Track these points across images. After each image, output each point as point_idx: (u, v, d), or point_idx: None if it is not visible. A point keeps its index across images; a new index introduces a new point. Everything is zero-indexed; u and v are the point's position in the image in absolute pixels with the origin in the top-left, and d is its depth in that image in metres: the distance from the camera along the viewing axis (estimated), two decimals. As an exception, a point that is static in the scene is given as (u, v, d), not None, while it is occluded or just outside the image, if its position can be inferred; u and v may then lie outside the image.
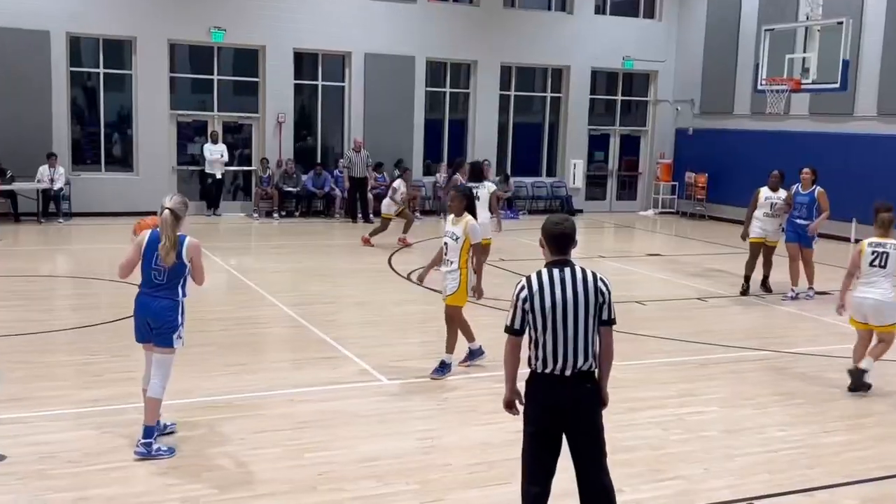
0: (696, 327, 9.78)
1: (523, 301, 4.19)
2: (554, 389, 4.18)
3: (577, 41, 21.22)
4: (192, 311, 9.71)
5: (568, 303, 4.14)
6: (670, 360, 8.30)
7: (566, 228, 4.25)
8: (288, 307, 9.98)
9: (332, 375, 7.46)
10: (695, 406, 7.00)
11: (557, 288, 4.15)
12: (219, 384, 7.12)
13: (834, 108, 17.58)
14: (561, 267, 4.21)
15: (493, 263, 13.65)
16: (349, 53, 19.40)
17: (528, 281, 4.23)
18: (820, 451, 6.14)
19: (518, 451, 5.96)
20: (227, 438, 5.95)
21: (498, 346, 8.59)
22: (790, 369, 8.17)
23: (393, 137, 19.54)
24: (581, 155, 21.98)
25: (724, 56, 20.55)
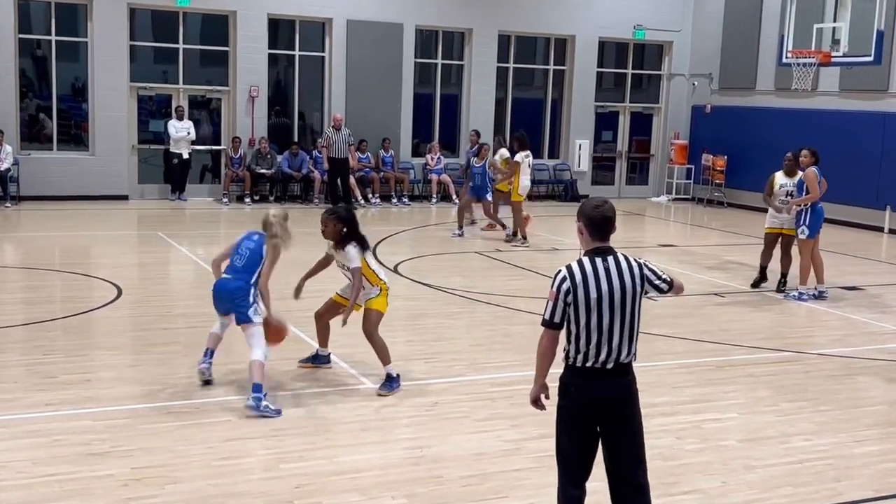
0: (713, 326, 9.83)
1: (566, 293, 4.25)
2: (596, 383, 4.27)
3: (582, 8, 21.20)
4: (156, 307, 9.77)
5: (615, 294, 4.22)
6: (684, 361, 8.34)
7: (607, 211, 4.29)
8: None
9: (311, 378, 7.48)
10: (711, 412, 7.05)
11: (603, 278, 4.22)
12: (185, 387, 7.13)
13: (867, 84, 17.63)
14: (603, 255, 4.27)
15: (487, 253, 13.69)
16: (330, 20, 19.35)
17: (570, 271, 4.27)
18: (849, 462, 6.18)
19: (515, 461, 5.95)
20: (195, 447, 5.96)
21: (471, 337, 8.72)
22: (816, 372, 8.23)
23: (378, 114, 19.53)
24: (587, 135, 22.00)
25: (745, 26, 20.57)
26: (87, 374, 7.44)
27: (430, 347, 8.55)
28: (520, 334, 9.13)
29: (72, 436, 6.06)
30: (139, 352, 8.19)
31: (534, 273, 12.27)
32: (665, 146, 22.68)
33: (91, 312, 9.39)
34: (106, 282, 10.73)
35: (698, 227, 18.70)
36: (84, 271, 11.50)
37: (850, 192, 16.44)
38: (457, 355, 8.31)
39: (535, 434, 6.27)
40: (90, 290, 10.56)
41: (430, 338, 8.91)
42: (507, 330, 9.39)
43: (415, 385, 7.40)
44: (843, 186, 14.50)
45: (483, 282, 11.80)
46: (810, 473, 5.95)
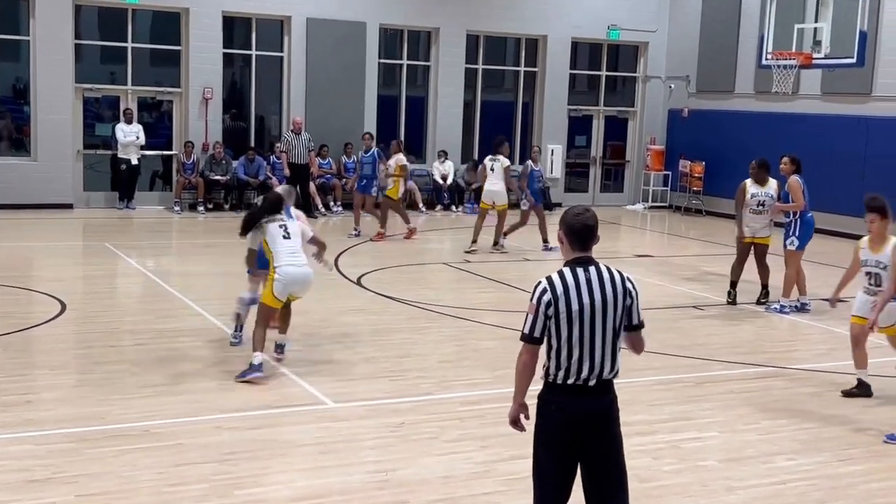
0: (691, 340, 9.90)
1: (546, 305, 4.26)
2: (577, 401, 4.28)
3: (555, 7, 21.34)
4: (102, 323, 9.66)
5: (597, 307, 4.24)
6: (661, 377, 8.39)
7: (588, 220, 4.32)
8: (216, 317, 9.90)
9: (267, 398, 7.43)
10: (690, 431, 7.09)
11: (584, 290, 4.24)
12: (133, 409, 7.05)
13: (849, 87, 17.89)
14: (585, 266, 4.29)
15: (454, 263, 13.70)
16: (288, 18, 19.30)
17: (551, 283, 4.29)
18: (834, 482, 6.24)
19: (485, 485, 5.94)
20: (143, 473, 5.89)
21: (436, 354, 8.72)
22: (799, 388, 8.31)
23: (340, 117, 19.49)
24: (559, 139, 22.12)
25: (724, 26, 20.81)
26: (28, 396, 7.33)
27: (395, 364, 8.52)
28: (490, 350, 9.13)
29: (11, 461, 5.96)
30: (84, 371, 8.09)
31: (504, 285, 12.28)
32: (641, 152, 22.86)
33: (32, 329, 9.26)
34: (48, 296, 10.59)
35: (675, 236, 18.86)
36: (24, 285, 11.35)
37: (831, 200, 16.55)
38: (423, 373, 8.30)
39: (506, 455, 6.27)
40: (31, 305, 10.42)
41: (396, 354, 8.88)
42: (476, 345, 9.39)
43: (379, 405, 7.37)
44: (825, 194, 14.66)
45: (451, 294, 11.80)
46: (794, 494, 5.99)
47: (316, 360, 8.53)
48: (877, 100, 17.72)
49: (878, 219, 7.61)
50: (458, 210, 20.24)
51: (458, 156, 20.85)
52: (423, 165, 20.91)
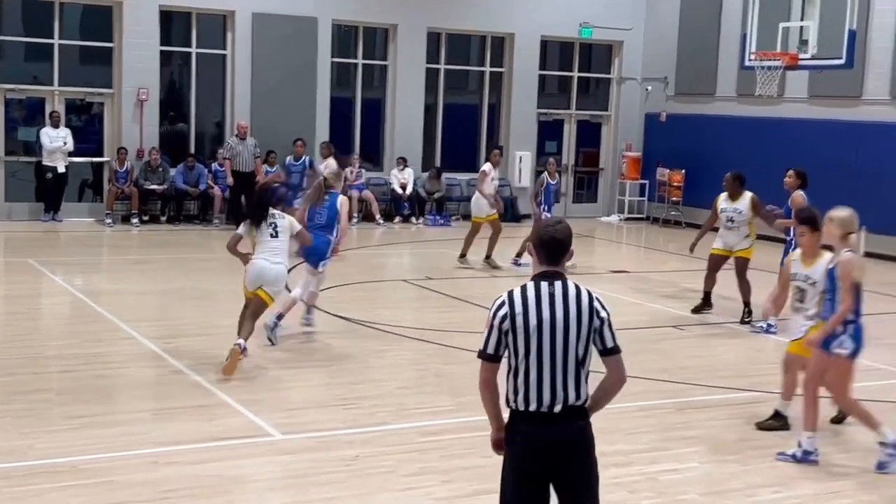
0: (671, 362, 9.96)
1: (501, 320, 4.29)
2: (543, 430, 4.28)
3: (522, 3, 21.49)
4: (24, 348, 9.53)
5: (557, 323, 4.26)
6: (640, 403, 8.43)
7: (557, 232, 4.36)
8: (151, 341, 9.83)
9: (209, 429, 7.37)
10: (669, 462, 7.12)
11: (545, 305, 4.26)
12: (59, 442, 6.96)
13: (838, 90, 18.16)
14: (550, 280, 4.32)
15: (416, 281, 13.69)
16: (232, 13, 19.25)
17: (510, 297, 4.33)
18: (822, 515, 6.30)
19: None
20: (70, 514, 5.81)
21: (392, 378, 8.71)
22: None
23: (289, 121, 19.44)
24: (528, 146, 22.23)
25: (704, 24, 21.06)
26: (-59, 429, 7.20)
27: (349, 391, 8.49)
28: (453, 374, 9.13)
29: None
30: (4, 401, 7.96)
31: (469, 304, 12.29)
32: (616, 159, 23.03)
33: (-54, 355, 9.10)
34: (-36, 318, 10.42)
35: (653, 250, 19.00)
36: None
37: (820, 211, 16.74)
38: (380, 400, 8.27)
39: (469, 490, 6.26)
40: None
41: (350, 380, 8.85)
42: (438, 370, 9.39)
43: (331, 436, 7.33)
44: (813, 204, 14.81)
45: (410, 314, 11.79)
46: (781, 530, 6.04)
47: (262, 388, 8.47)
48: (867, 103, 18.00)
49: (807, 231, 7.75)
50: (419, 222, 20.26)
51: (418, 163, 20.89)
52: (381, 173, 20.92)
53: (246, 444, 7.14)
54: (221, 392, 8.21)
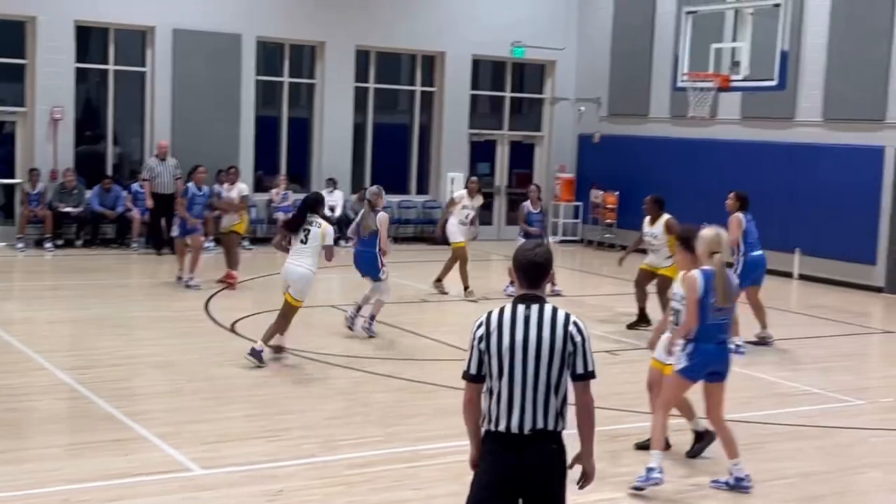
0: (606, 389, 9.95)
1: (479, 340, 4.50)
2: (507, 452, 4.42)
3: (453, 21, 21.62)
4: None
5: (529, 345, 4.43)
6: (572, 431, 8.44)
7: (536, 256, 4.54)
8: (64, 372, 9.66)
9: (125, 465, 7.23)
10: (603, 492, 7.14)
11: (519, 326, 4.44)
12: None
13: (771, 112, 18.55)
14: (528, 303, 4.50)
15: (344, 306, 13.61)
16: (152, 29, 19.08)
17: (488, 317, 4.54)
18: (757, 544, 6.36)
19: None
20: (-27, 557, 5.64)
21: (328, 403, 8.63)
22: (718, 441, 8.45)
23: (212, 140, 19.27)
24: (460, 167, 22.31)
25: (636, 45, 21.38)
26: None
27: (273, 423, 8.39)
28: (382, 404, 9.08)
29: None
30: None
31: (398, 329, 12.26)
32: (549, 181, 23.20)
33: None
34: None
35: (587, 273, 19.15)
36: None
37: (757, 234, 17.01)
38: (306, 431, 8.19)
39: (399, 525, 6.22)
40: None
41: (274, 411, 8.75)
42: (366, 399, 9.33)
43: (254, 470, 7.24)
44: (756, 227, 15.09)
45: (339, 341, 11.71)
46: (716, 560, 6.08)
47: (181, 420, 8.34)
48: (800, 125, 18.40)
49: (681, 250, 7.88)
50: (349, 245, 20.10)
51: (347, 184, 20.83)
52: (308, 195, 20.78)
53: (163, 479, 7.01)
54: (138, 425, 8.07)
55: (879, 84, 17.04)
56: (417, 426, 8.45)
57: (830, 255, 17.73)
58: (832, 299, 16.35)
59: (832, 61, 17.75)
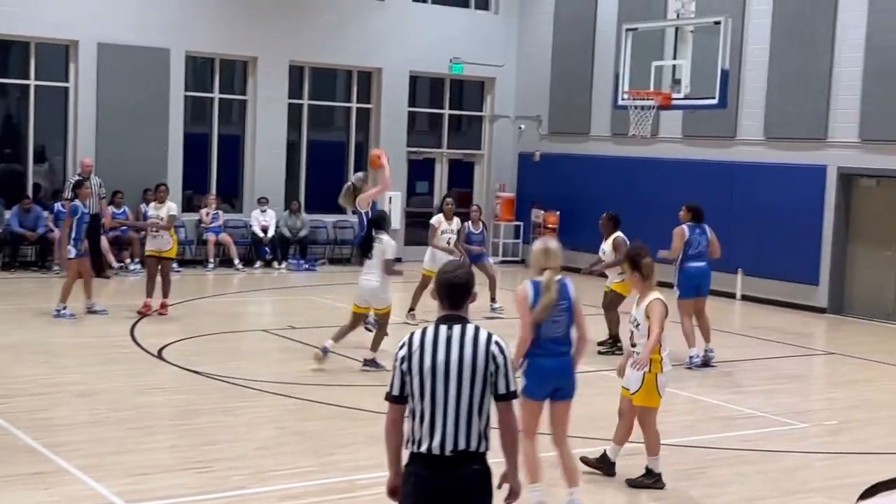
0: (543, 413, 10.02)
1: (401, 361, 4.64)
2: (431, 473, 4.51)
3: (390, 37, 21.65)
4: None
5: (451, 366, 4.54)
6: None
7: (455, 277, 4.67)
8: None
9: (45, 499, 7.10)
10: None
11: (441, 347, 4.56)
12: None
13: (713, 131, 18.82)
14: (450, 324, 4.63)
15: (276, 330, 13.51)
16: (75, 43, 18.84)
17: (410, 338, 4.67)
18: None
19: None
20: None
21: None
22: (663, 466, 8.50)
23: (139, 158, 19.04)
24: (399, 186, 22.27)
25: (577, 62, 21.58)
26: None
27: (201, 454, 8.27)
28: (316, 432, 9.01)
29: None
30: None
31: (333, 355, 12.18)
32: (489, 200, 23.30)
33: None
34: None
35: (529, 295, 19.19)
36: None
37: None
38: (236, 462, 8.08)
39: (332, 558, 6.16)
40: None
41: (202, 441, 8.63)
42: (300, 427, 9.25)
43: (182, 503, 7.12)
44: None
45: (271, 367, 11.62)
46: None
47: (104, 451, 8.20)
48: (742, 143, 18.70)
49: (630, 270, 8.04)
50: (282, 267, 20.05)
51: (280, 203, 20.71)
52: (240, 215, 20.66)
53: (85, 514, 6.88)
54: (59, 457, 7.91)
55: (821, 102, 17.38)
56: (353, 455, 8.39)
57: (773, 276, 18.00)
58: (775, 320, 16.59)
59: (773, 79, 18.08)
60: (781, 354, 13.89)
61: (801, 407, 10.98)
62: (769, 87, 18.16)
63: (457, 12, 22.68)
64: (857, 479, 8.21)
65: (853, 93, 16.97)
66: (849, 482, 8.17)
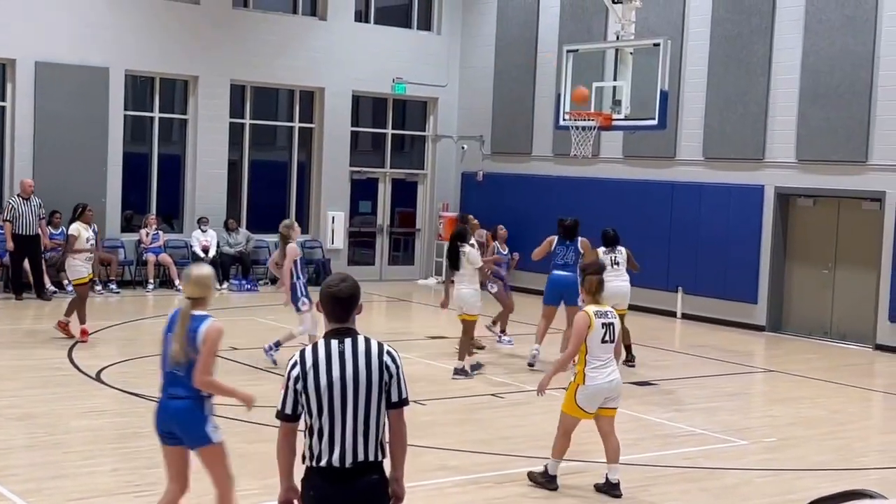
0: (492, 433, 10.05)
1: (295, 380, 4.61)
2: (333, 487, 4.54)
3: (332, 56, 21.65)
4: None
5: (347, 381, 4.57)
6: (458, 478, 8.45)
7: (342, 291, 4.64)
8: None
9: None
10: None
11: (335, 363, 4.57)
12: None
13: (652, 151, 19.06)
14: (341, 338, 4.64)
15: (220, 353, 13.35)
16: (12, 62, 18.61)
17: (302, 356, 4.64)
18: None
19: None
20: None
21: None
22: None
23: (77, 178, 18.80)
24: (342, 205, 22.27)
25: (518, 83, 21.74)
26: None
27: (141, 477, 8.16)
28: (259, 454, 8.91)
29: None
30: None
31: (280, 376, 12.07)
32: (433, 219, 23.35)
33: None
34: None
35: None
36: None
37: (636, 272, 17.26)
38: (178, 485, 7.96)
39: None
40: None
41: (143, 464, 8.51)
42: (244, 449, 9.13)
43: (122, 527, 7.02)
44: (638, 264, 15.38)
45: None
46: None
47: (42, 476, 8.06)
48: (681, 164, 18.93)
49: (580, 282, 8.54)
50: (223, 287, 19.88)
51: (221, 223, 20.56)
52: (181, 235, 20.48)
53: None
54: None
55: (759, 123, 17.68)
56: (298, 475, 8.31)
57: (712, 294, 18.22)
58: (715, 338, 16.78)
59: (711, 100, 18.36)
60: (721, 372, 14.05)
61: (741, 424, 11.10)
62: (707, 108, 18.44)
63: (399, 33, 22.75)
64: (798, 496, 8.36)
65: (790, 114, 17.29)
66: (790, 498, 8.30)
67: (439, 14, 23.14)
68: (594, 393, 8.04)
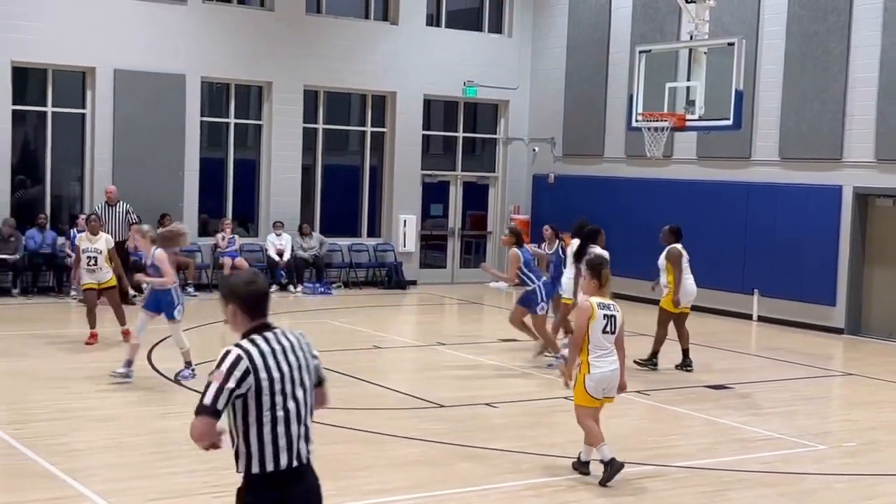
0: (566, 436, 9.98)
1: (241, 378, 4.33)
2: (288, 492, 4.40)
3: (404, 61, 21.74)
4: None
5: (294, 373, 4.47)
6: (528, 481, 8.42)
7: (263, 286, 4.63)
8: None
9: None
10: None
11: (280, 356, 4.47)
12: None
13: (727, 151, 18.81)
14: (272, 331, 4.54)
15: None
16: (92, 69, 18.97)
17: (246, 352, 4.41)
18: None
19: None
20: None
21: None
22: (680, 490, 8.47)
23: (155, 184, 19.16)
24: (413, 209, 22.35)
25: (590, 84, 21.62)
26: None
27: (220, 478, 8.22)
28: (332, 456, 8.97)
29: None
30: None
31: (356, 380, 12.16)
32: (504, 222, 23.30)
33: None
34: None
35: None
36: None
37: (710, 274, 16.84)
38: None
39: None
40: None
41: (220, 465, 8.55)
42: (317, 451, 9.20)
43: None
44: (705, 267, 15.17)
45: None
46: None
47: (122, 476, 8.20)
48: (757, 164, 18.66)
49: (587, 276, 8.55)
50: (297, 290, 20.08)
51: (296, 227, 20.77)
52: (256, 239, 20.73)
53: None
54: (77, 483, 7.91)
55: (836, 122, 17.37)
56: (370, 479, 8.37)
57: (789, 297, 17.93)
58: (792, 341, 16.50)
59: (787, 99, 18.07)
60: (799, 376, 13.81)
61: (819, 428, 10.91)
62: (783, 108, 18.15)
63: (470, 36, 22.77)
64: (878, 501, 8.20)
65: (868, 112, 16.96)
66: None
67: (510, 16, 23.12)
68: (600, 379, 8.28)
